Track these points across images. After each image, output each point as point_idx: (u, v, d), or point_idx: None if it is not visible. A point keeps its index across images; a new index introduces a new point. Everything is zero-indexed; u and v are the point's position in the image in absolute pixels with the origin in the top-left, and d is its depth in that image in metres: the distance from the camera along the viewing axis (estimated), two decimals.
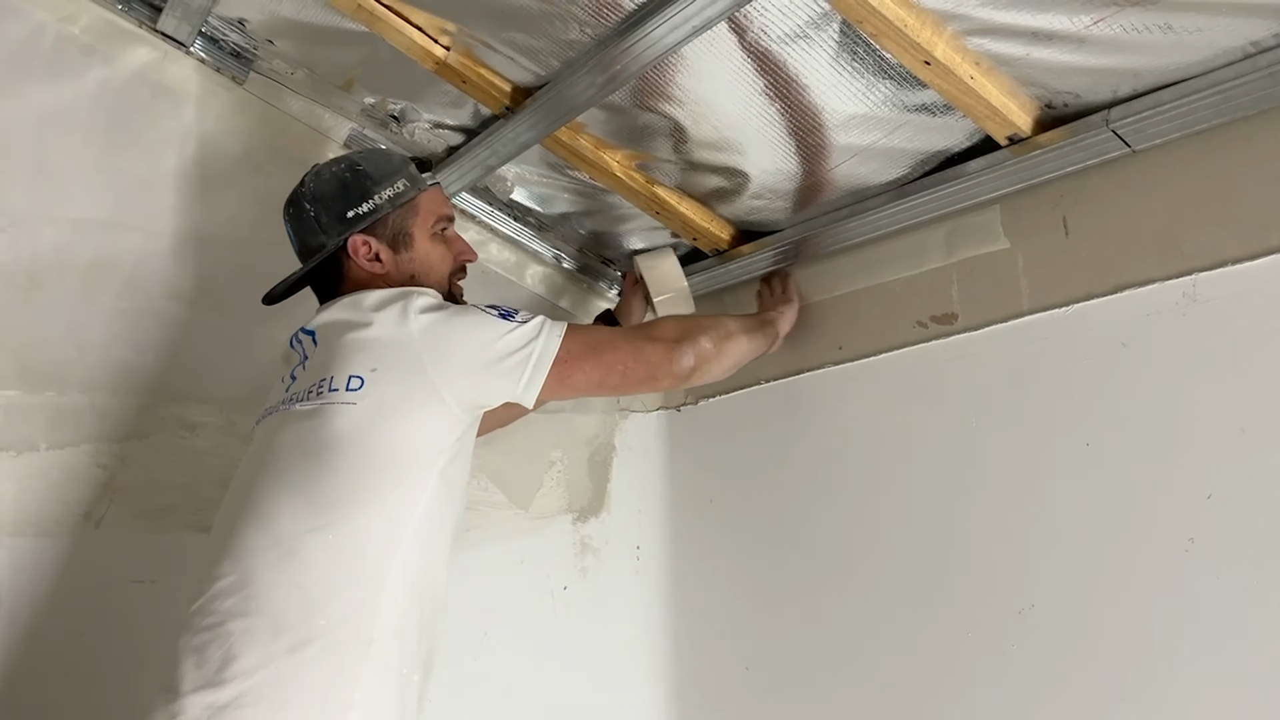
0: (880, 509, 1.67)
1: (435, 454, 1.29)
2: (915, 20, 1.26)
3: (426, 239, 1.50)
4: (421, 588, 1.28)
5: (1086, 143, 1.37)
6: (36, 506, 1.53)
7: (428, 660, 1.30)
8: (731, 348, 1.55)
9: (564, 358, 1.34)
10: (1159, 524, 1.30)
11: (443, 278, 1.51)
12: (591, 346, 1.39)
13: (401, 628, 1.24)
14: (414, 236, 1.49)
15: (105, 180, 1.68)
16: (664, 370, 1.45)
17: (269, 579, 1.20)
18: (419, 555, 1.27)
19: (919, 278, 1.67)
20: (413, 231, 1.49)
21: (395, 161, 1.52)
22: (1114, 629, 1.33)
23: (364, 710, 1.18)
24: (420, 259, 1.49)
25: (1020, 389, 1.49)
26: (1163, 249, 1.34)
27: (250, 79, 1.80)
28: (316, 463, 1.25)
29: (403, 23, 1.59)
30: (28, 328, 1.57)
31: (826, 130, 1.54)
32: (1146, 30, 1.21)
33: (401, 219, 1.48)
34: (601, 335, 1.45)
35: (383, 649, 1.21)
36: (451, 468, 1.32)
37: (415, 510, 1.26)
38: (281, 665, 1.15)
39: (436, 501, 1.29)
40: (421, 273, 1.49)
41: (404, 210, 1.49)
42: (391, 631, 1.22)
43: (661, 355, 1.44)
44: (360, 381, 1.28)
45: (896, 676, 1.61)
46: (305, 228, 1.48)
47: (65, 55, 1.67)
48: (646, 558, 2.14)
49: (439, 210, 1.53)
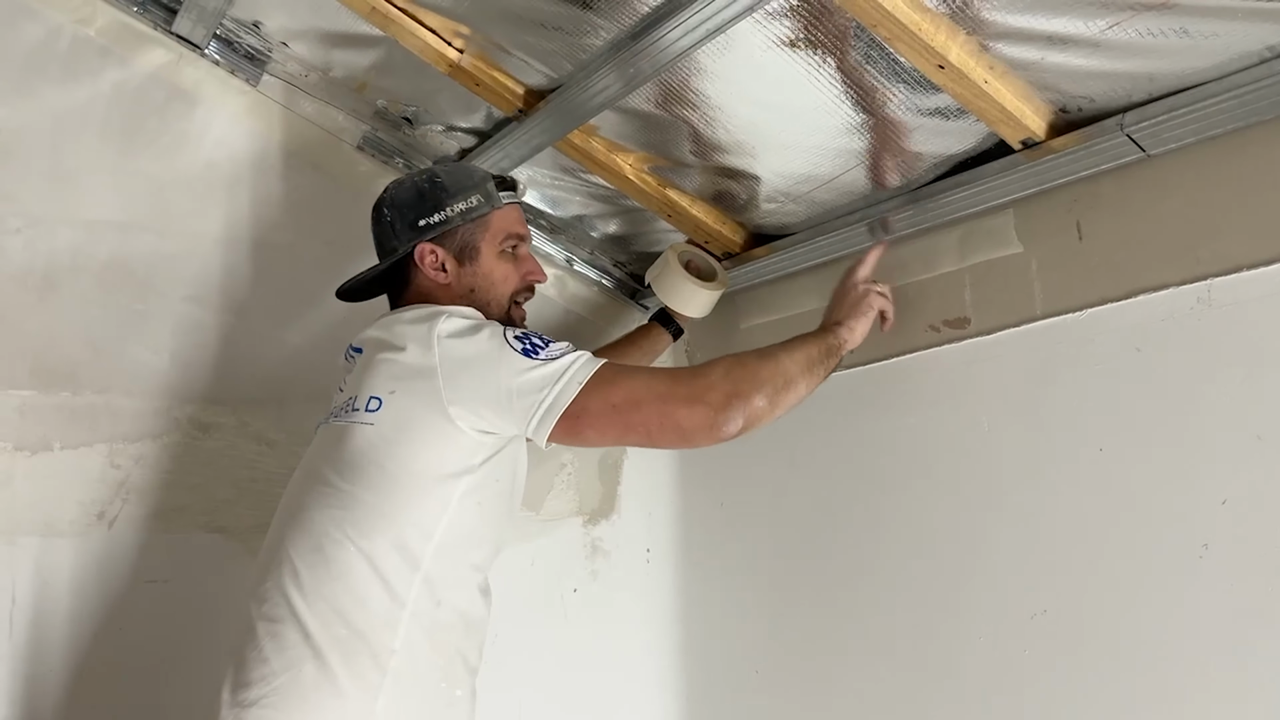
0: (891, 513, 1.67)
1: (454, 475, 1.28)
2: (930, 24, 1.26)
3: (493, 255, 1.49)
4: (454, 604, 1.29)
5: (1101, 147, 1.37)
6: (51, 506, 1.54)
7: (469, 672, 1.33)
8: (788, 399, 1.35)
9: (576, 412, 1.26)
10: (1173, 530, 1.30)
11: (504, 295, 1.50)
12: (613, 405, 1.27)
13: (431, 643, 1.26)
14: (480, 250, 1.48)
15: (120, 182, 1.69)
16: (702, 435, 1.28)
17: (301, 586, 1.23)
18: (445, 573, 1.28)
19: (931, 281, 1.67)
20: (480, 245, 1.48)
21: (475, 178, 1.51)
22: (1126, 635, 1.33)
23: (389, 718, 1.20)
24: (483, 274, 1.48)
25: (1033, 393, 1.48)
26: (1178, 254, 1.34)
27: (264, 81, 1.81)
28: (343, 479, 1.29)
29: (416, 25, 1.60)
30: (43, 328, 1.58)
31: (839, 133, 1.54)
32: (1162, 35, 1.20)
33: (471, 233, 1.48)
34: (630, 390, 1.28)
35: (409, 662, 1.23)
36: (482, 490, 1.31)
37: (435, 530, 1.27)
38: (304, 671, 1.19)
39: (461, 522, 1.29)
40: (483, 287, 1.48)
41: (475, 224, 1.48)
42: (418, 646, 1.24)
43: (700, 420, 1.27)
44: (379, 402, 1.30)
45: (907, 681, 1.60)
46: (382, 231, 1.51)
47: (81, 57, 1.68)
48: (657, 560, 2.14)
49: (510, 229, 1.51)
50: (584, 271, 2.16)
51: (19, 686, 1.48)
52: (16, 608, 1.50)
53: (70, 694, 1.52)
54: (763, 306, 1.99)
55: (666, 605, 2.11)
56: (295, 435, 1.74)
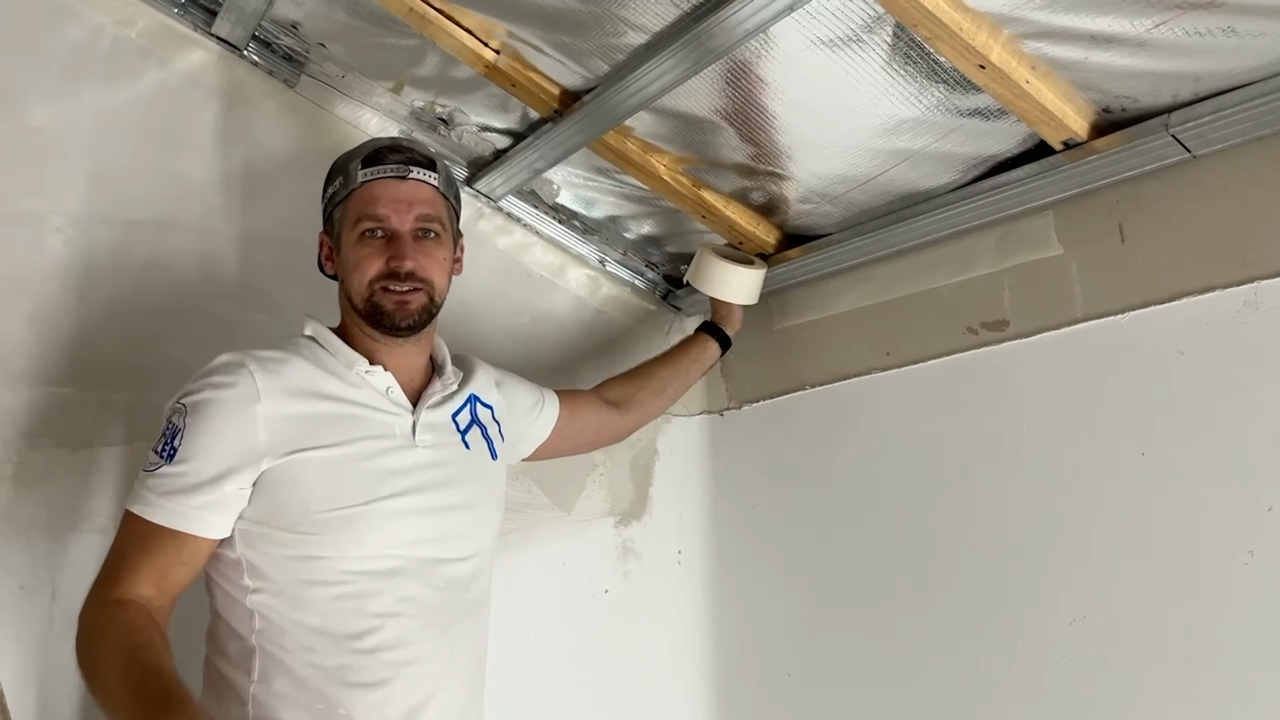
0: (927, 517, 1.65)
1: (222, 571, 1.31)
2: (971, 24, 1.25)
3: (351, 241, 1.37)
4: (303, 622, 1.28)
5: (1145, 148, 1.35)
6: (91, 503, 1.55)
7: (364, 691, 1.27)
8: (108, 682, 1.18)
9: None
10: (1217, 536, 1.28)
11: (361, 284, 1.36)
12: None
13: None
14: (343, 238, 1.39)
15: (159, 181, 1.70)
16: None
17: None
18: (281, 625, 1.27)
19: (969, 283, 1.65)
20: (343, 232, 1.39)
21: (350, 155, 1.41)
22: (1168, 642, 1.31)
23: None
24: (342, 263, 1.40)
25: (1073, 397, 1.47)
26: (1223, 256, 1.32)
27: (301, 82, 1.82)
28: None
29: (453, 26, 1.60)
30: (84, 326, 1.59)
31: (877, 134, 1.53)
32: (1209, 34, 1.18)
33: (336, 219, 1.41)
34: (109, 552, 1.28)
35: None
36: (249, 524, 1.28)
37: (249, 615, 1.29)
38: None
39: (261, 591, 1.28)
40: (344, 278, 1.40)
41: (340, 208, 1.40)
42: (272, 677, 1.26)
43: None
44: None
45: (942, 686, 1.59)
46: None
47: (122, 58, 1.69)
48: (688, 562, 2.14)
49: (364, 209, 1.36)
50: (617, 272, 2.15)
51: (58, 678, 1.50)
52: (56, 603, 1.51)
53: None
54: (797, 308, 1.98)
55: (698, 607, 2.11)
56: None
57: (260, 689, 1.25)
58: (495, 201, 1.99)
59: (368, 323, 1.37)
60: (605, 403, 1.77)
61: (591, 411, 1.75)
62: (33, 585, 1.50)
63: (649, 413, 1.85)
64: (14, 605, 1.47)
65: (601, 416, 1.76)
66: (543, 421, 1.66)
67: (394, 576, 1.30)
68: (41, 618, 1.50)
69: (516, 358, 1.78)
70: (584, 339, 2.14)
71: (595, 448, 1.89)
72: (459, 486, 1.40)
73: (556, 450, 1.72)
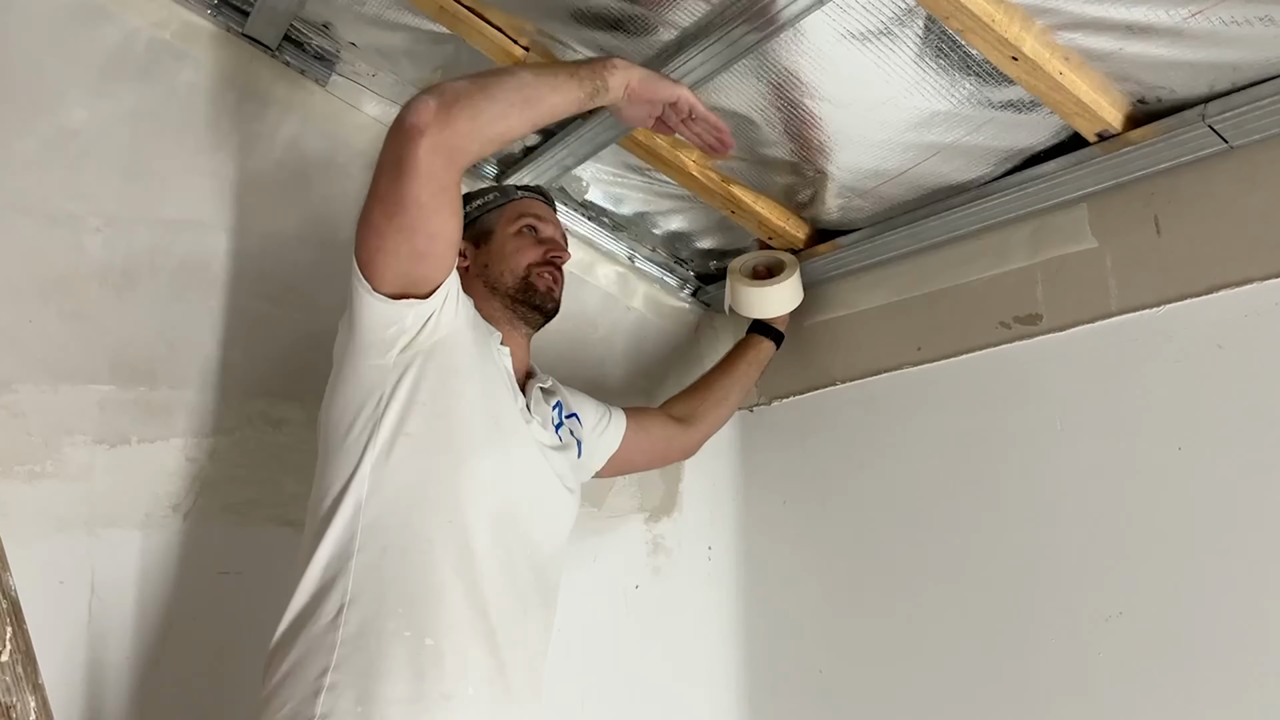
0: (960, 513, 1.65)
1: (365, 416, 1.31)
2: (1003, 15, 1.24)
3: (507, 234, 1.56)
4: (402, 548, 1.27)
5: (1181, 139, 1.34)
6: (128, 499, 1.57)
7: (461, 621, 1.26)
8: (506, 77, 1.32)
9: (355, 243, 1.31)
10: (1255, 532, 1.27)
11: (518, 265, 1.54)
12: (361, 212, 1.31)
13: (378, 591, 1.24)
14: (494, 233, 1.57)
15: (195, 181, 1.72)
16: (400, 142, 1.20)
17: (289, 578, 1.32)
18: (382, 514, 1.28)
19: (1002, 277, 1.64)
20: (494, 229, 1.57)
21: (496, 185, 1.69)
22: (1206, 638, 1.30)
23: (344, 674, 1.20)
24: (495, 250, 1.56)
25: (1109, 391, 1.45)
26: (1262, 248, 1.30)
27: (333, 81, 1.83)
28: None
29: (483, 23, 1.60)
30: (122, 325, 1.62)
31: (908, 128, 1.52)
32: (1247, 23, 1.17)
33: (487, 220, 1.58)
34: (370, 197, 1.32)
35: (359, 614, 1.23)
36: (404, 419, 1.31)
37: (363, 475, 1.29)
38: (275, 651, 1.26)
39: (387, 457, 1.29)
40: (495, 262, 1.55)
41: (491, 214, 1.59)
42: (363, 596, 1.24)
43: (389, 135, 1.23)
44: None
45: (975, 684, 1.58)
46: None
47: (157, 59, 1.71)
48: (718, 558, 2.13)
49: (525, 210, 1.59)
50: (646, 269, 2.16)
51: (96, 673, 1.52)
52: (95, 596, 1.53)
53: (145, 680, 1.55)
54: (827, 303, 1.98)
55: (728, 603, 2.11)
56: None
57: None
58: None
59: (516, 299, 1.53)
60: (672, 419, 1.84)
61: (659, 426, 1.81)
62: (72, 580, 1.52)
63: (714, 423, 1.91)
64: (54, 601, 1.49)
65: (669, 431, 1.83)
66: (609, 436, 1.72)
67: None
68: (81, 613, 1.52)
69: (546, 355, 1.79)
70: (614, 336, 2.15)
71: (665, 463, 1.96)
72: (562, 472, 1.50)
73: (628, 464, 1.79)
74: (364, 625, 1.22)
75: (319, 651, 1.21)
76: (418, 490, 1.29)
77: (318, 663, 1.20)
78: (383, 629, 1.22)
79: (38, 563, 1.46)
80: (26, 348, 1.55)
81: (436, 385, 1.33)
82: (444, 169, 1.22)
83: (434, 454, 1.31)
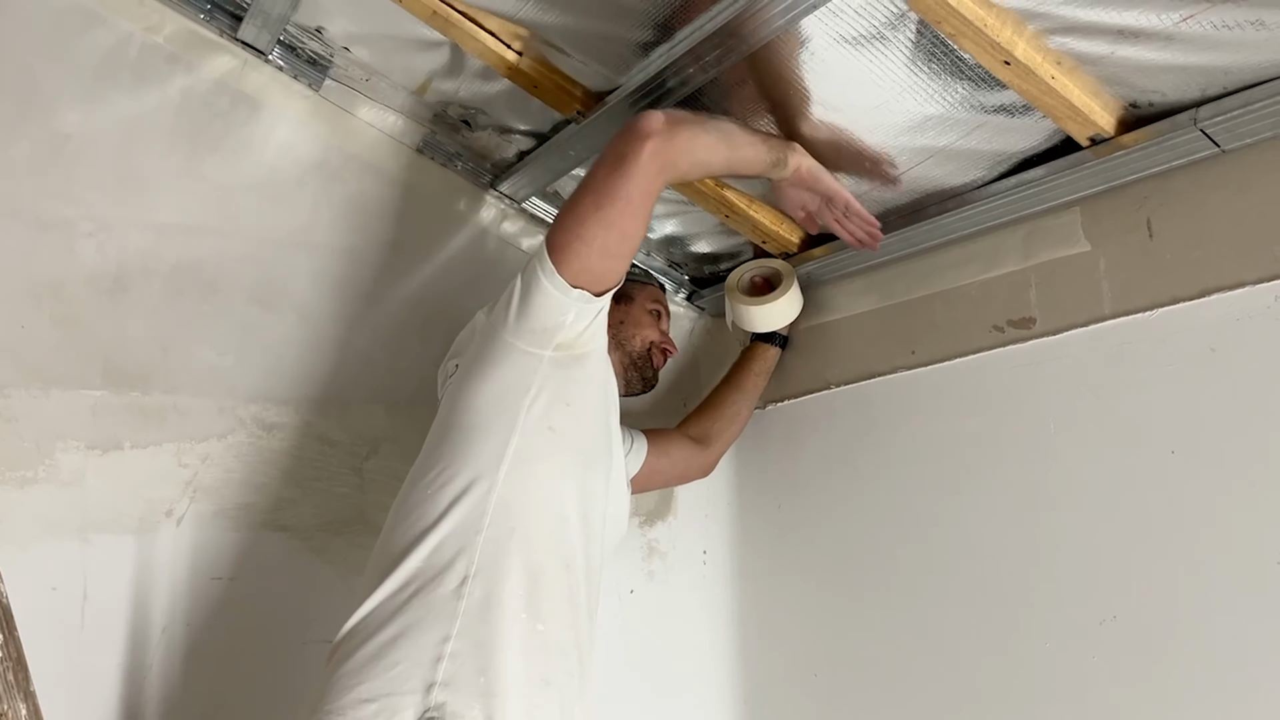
0: (954, 516, 1.65)
1: (517, 399, 1.36)
2: (995, 19, 1.24)
3: (643, 309, 1.75)
4: (526, 533, 1.31)
5: (1173, 143, 1.34)
6: (122, 504, 1.57)
7: (560, 612, 1.32)
8: (719, 121, 1.46)
9: (550, 232, 1.38)
10: (1248, 536, 1.26)
11: (645, 339, 1.73)
12: (566, 201, 1.40)
13: (501, 569, 1.28)
14: (634, 299, 1.74)
15: (187, 186, 1.72)
16: (629, 142, 1.33)
17: (391, 538, 1.34)
18: (516, 497, 1.32)
19: (995, 281, 1.64)
20: (634, 295, 1.75)
21: (643, 268, 1.93)
22: (1199, 643, 1.30)
23: (465, 643, 1.22)
24: (632, 315, 1.73)
25: (1102, 395, 1.46)
26: (1253, 251, 1.30)
27: (326, 85, 1.83)
28: (433, 438, 1.42)
29: (476, 29, 1.60)
30: (114, 330, 1.62)
31: (900, 132, 1.53)
32: (1238, 27, 1.17)
33: (630, 288, 1.74)
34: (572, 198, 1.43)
35: (482, 588, 1.26)
36: (550, 412, 1.37)
37: (504, 456, 1.33)
38: (383, 605, 1.26)
39: (530, 444, 1.34)
40: (628, 323, 1.72)
41: (633, 284, 1.75)
42: (487, 571, 1.27)
43: (620, 135, 1.36)
44: (456, 366, 1.47)
45: (970, 687, 1.58)
46: None
47: (150, 64, 1.71)
48: (713, 562, 2.13)
49: (660, 298, 1.80)
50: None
51: (90, 680, 1.52)
52: (88, 603, 1.53)
53: (138, 687, 1.55)
54: (820, 307, 1.98)
55: (723, 607, 2.11)
56: (357, 435, 1.77)
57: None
58: (519, 203, 2.00)
59: (634, 363, 1.72)
60: (690, 440, 1.89)
61: (679, 448, 1.87)
62: (65, 587, 1.52)
63: (729, 438, 1.96)
64: (47, 607, 1.49)
65: (688, 452, 1.88)
66: (632, 461, 1.77)
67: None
68: (74, 620, 1.51)
69: None
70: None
71: (683, 482, 1.99)
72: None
73: (644, 486, 1.83)
74: (488, 599, 1.26)
75: (440, 618, 1.24)
76: (548, 484, 1.36)
77: (438, 629, 1.23)
78: (505, 606, 1.26)
79: (30, 569, 1.46)
80: (18, 352, 1.54)
81: (579, 391, 1.41)
82: (657, 174, 1.35)
83: (568, 454, 1.39)
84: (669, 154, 1.34)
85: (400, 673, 1.20)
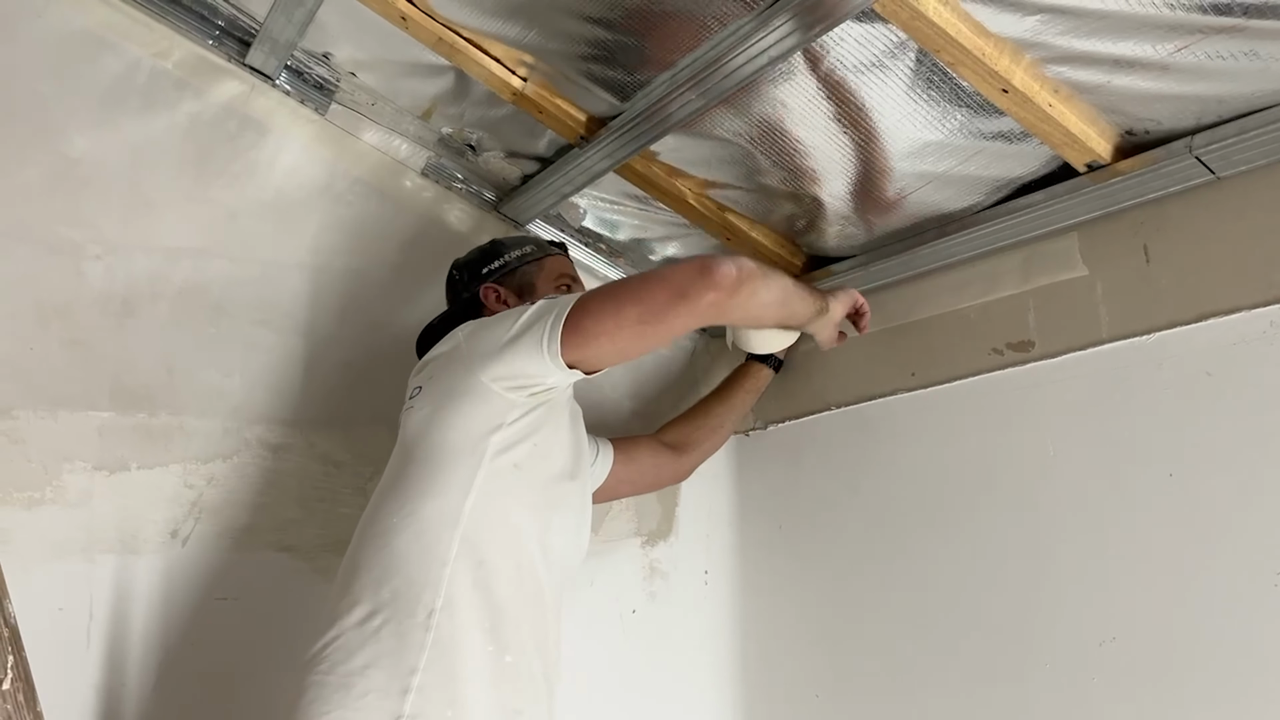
0: (954, 538, 1.66)
1: (483, 436, 1.36)
2: (993, 49, 1.27)
3: (548, 290, 1.65)
4: (492, 566, 1.33)
5: (1169, 170, 1.36)
6: (128, 524, 1.58)
7: (527, 643, 1.34)
8: (778, 278, 1.44)
9: (578, 311, 1.35)
10: (1245, 557, 1.28)
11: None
12: (608, 293, 1.38)
13: (468, 602, 1.29)
14: (536, 287, 1.65)
15: (195, 210, 1.74)
16: (696, 283, 1.32)
17: (357, 561, 1.35)
18: (481, 532, 1.33)
19: (994, 304, 1.66)
20: (536, 282, 1.66)
21: (529, 236, 1.81)
22: (1198, 663, 1.31)
23: (433, 676, 1.23)
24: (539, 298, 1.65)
25: (1100, 418, 1.47)
26: (1249, 276, 1.32)
27: (332, 110, 1.85)
28: (397, 462, 1.43)
29: (482, 55, 1.63)
30: (122, 351, 1.62)
31: (900, 158, 1.55)
32: (1231, 57, 1.19)
33: (527, 273, 1.67)
34: (622, 282, 1.42)
35: (450, 621, 1.27)
36: (515, 450, 1.38)
37: (469, 491, 1.34)
38: (350, 635, 1.27)
39: (495, 481, 1.35)
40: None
41: (531, 266, 1.67)
42: (454, 604, 1.28)
43: (691, 271, 1.34)
44: (419, 389, 1.46)
45: (969, 707, 1.58)
46: (452, 286, 1.72)
47: (158, 89, 1.73)
48: (715, 582, 2.14)
49: (563, 269, 1.70)
50: None
51: (96, 699, 1.52)
52: (94, 623, 1.53)
53: (144, 707, 1.55)
54: None
55: (725, 627, 2.11)
56: (361, 456, 1.78)
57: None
58: (522, 225, 2.01)
59: None
60: (664, 445, 1.87)
61: (649, 455, 1.84)
62: (71, 607, 1.52)
63: (709, 449, 1.94)
64: (53, 627, 1.49)
65: (659, 459, 1.86)
66: (597, 470, 1.74)
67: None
68: (80, 640, 1.52)
69: None
70: None
71: (656, 488, 1.99)
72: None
73: (612, 494, 1.82)
74: (455, 633, 1.27)
75: (408, 650, 1.25)
76: (513, 518, 1.37)
77: (406, 660, 1.24)
78: (472, 639, 1.28)
79: (37, 589, 1.46)
80: (26, 374, 1.55)
81: (547, 433, 1.43)
82: (705, 318, 1.36)
83: (535, 490, 1.41)
84: (725, 306, 1.35)
85: (369, 703, 1.22)
